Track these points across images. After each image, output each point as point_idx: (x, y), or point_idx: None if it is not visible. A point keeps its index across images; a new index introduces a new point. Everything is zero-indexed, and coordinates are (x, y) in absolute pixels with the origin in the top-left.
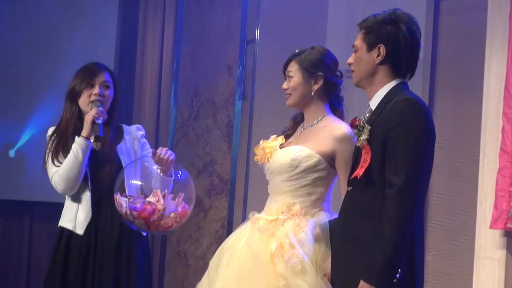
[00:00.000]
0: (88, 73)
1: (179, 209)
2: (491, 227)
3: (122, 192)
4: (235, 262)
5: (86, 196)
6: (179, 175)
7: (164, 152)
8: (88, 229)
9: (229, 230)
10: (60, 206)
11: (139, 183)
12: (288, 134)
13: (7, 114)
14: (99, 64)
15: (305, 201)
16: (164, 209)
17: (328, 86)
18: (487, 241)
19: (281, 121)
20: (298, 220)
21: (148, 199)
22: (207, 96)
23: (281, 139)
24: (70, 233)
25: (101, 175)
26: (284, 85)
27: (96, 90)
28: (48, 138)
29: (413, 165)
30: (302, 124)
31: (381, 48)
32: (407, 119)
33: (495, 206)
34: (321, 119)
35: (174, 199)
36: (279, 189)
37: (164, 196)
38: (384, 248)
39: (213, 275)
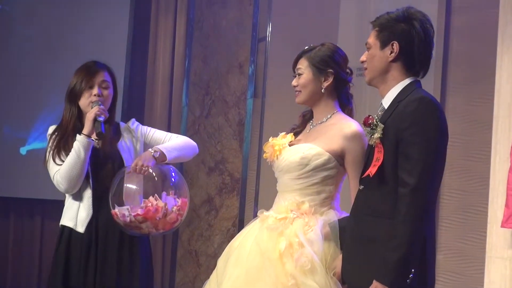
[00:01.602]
0: (87, 73)
1: (179, 202)
2: (502, 226)
3: (119, 204)
4: (244, 261)
5: (87, 194)
6: (172, 179)
7: (139, 167)
8: (89, 226)
9: (240, 228)
10: None
11: (134, 187)
12: (297, 131)
13: (19, 112)
14: (98, 63)
15: (315, 199)
16: (166, 204)
17: (338, 83)
18: (498, 240)
19: (293, 119)
20: (307, 218)
21: (143, 204)
22: (219, 94)
23: (290, 137)
24: (71, 231)
25: (103, 173)
26: (294, 82)
27: (95, 91)
28: (48, 137)
29: (426, 165)
30: (312, 121)
31: (395, 45)
32: (420, 120)
33: (506, 205)
34: (330, 116)
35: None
36: (288, 187)
37: (159, 197)
38: (397, 247)
39: (221, 274)
